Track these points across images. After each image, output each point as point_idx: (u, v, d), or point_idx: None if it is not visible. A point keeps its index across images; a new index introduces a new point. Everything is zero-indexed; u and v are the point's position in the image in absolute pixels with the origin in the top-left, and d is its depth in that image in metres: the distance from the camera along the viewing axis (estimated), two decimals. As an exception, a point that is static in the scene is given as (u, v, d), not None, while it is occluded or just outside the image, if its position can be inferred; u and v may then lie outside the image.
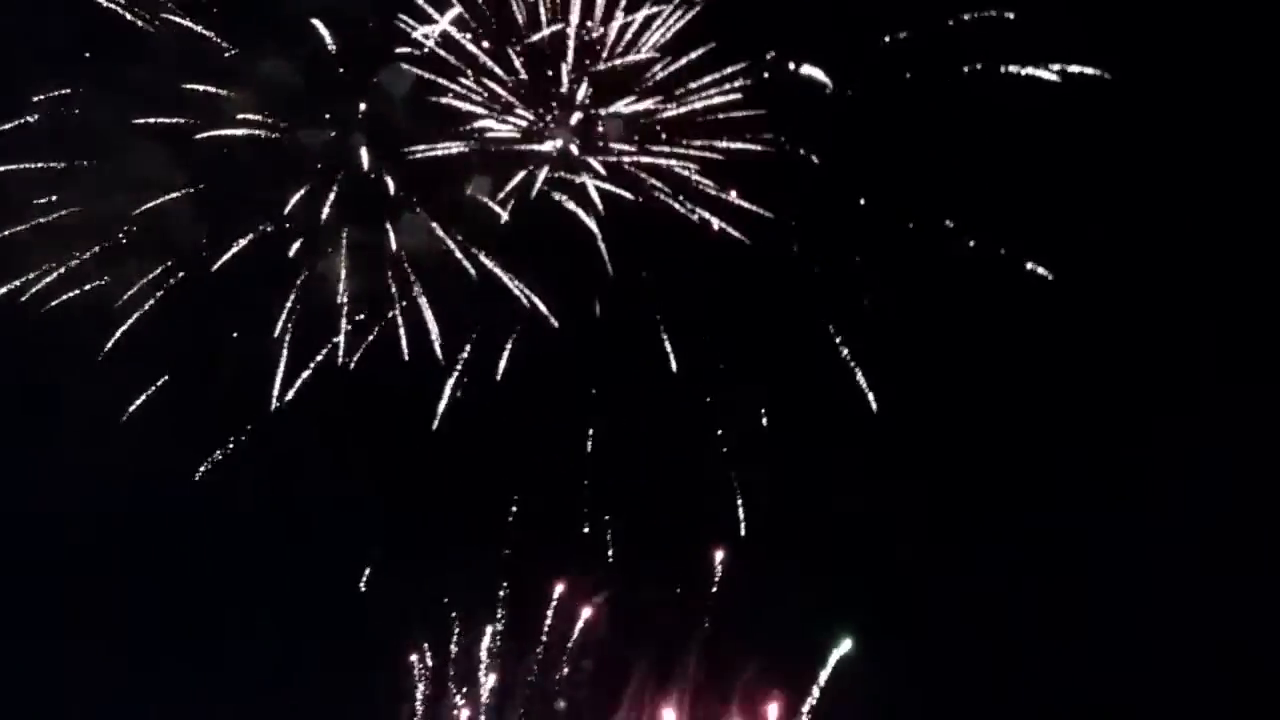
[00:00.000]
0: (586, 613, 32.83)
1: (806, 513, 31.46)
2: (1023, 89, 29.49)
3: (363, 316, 31.26)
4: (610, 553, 32.36)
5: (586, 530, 32.28)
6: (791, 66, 30.01)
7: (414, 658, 33.23)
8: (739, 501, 31.67)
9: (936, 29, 29.73)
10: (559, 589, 32.90)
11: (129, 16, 30.29)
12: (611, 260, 30.68)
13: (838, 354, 30.60)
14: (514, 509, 32.42)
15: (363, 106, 30.80)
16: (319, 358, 31.21)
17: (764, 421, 31.27)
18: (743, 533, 31.92)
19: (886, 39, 29.85)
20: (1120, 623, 31.30)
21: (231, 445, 31.81)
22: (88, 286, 30.85)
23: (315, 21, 30.33)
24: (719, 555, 32.34)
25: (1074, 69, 29.41)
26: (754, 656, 31.48)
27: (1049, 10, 29.40)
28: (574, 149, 30.60)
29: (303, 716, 32.09)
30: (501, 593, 33.13)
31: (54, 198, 30.62)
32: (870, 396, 30.58)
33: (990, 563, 31.32)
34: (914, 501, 31.30)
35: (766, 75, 30.41)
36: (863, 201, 30.53)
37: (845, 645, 31.13)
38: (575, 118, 31.01)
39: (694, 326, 31.04)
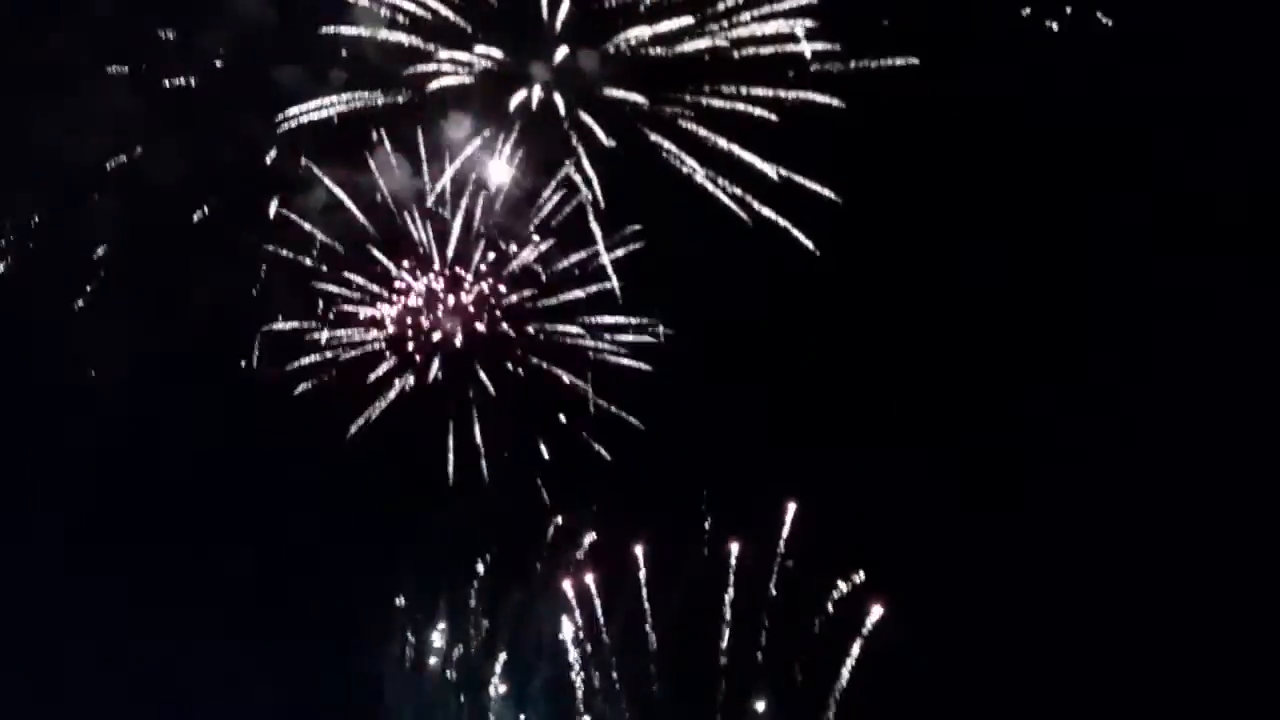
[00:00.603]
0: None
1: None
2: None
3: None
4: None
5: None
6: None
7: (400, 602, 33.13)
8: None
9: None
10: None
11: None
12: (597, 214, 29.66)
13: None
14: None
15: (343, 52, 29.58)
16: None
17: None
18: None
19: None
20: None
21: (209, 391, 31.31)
22: (56, 232, 30.21)
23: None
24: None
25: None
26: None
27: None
28: (557, 95, 29.17)
29: (288, 652, 32.07)
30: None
31: (20, 140, 29.75)
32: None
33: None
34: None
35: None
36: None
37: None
38: (559, 55, 29.42)
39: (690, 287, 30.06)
